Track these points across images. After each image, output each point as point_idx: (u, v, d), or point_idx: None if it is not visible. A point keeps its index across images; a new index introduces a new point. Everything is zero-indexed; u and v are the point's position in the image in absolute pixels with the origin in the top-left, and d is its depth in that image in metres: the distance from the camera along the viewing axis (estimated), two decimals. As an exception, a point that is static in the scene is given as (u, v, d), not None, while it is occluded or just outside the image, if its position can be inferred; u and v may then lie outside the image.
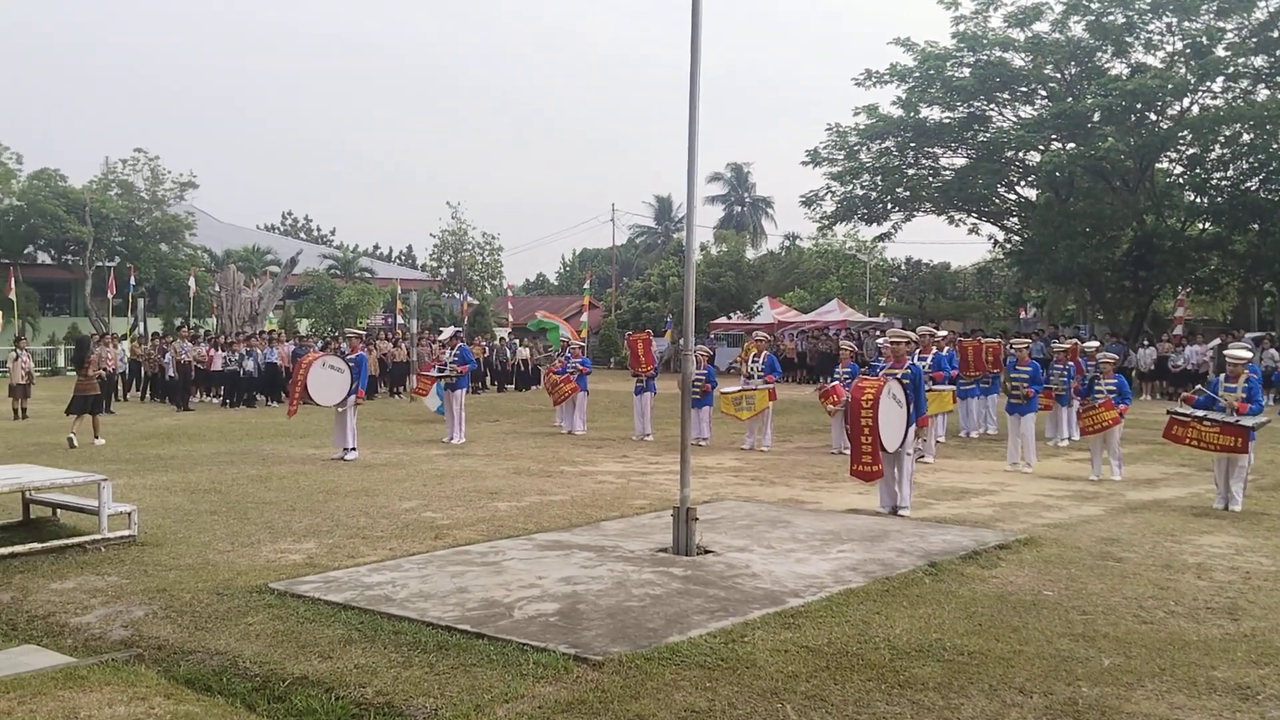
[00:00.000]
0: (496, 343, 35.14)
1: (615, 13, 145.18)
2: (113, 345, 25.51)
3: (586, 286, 45.71)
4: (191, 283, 40.25)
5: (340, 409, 15.22)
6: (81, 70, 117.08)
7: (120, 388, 27.03)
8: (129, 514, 9.18)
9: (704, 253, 53.11)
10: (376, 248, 78.24)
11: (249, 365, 25.82)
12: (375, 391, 27.17)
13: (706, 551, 8.60)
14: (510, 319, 46.60)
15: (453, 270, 52.33)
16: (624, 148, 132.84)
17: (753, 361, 17.64)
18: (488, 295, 52.64)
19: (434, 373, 18.77)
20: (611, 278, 63.04)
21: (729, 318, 45.68)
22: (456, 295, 48.64)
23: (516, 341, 36.14)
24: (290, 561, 8.38)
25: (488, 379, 32.86)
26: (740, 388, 17.18)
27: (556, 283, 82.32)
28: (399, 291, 42.46)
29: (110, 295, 39.84)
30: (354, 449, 15.24)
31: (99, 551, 8.70)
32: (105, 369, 23.53)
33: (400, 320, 39.84)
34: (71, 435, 16.87)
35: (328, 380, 15.21)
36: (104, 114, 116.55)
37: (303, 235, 76.04)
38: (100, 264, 42.23)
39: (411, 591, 7.30)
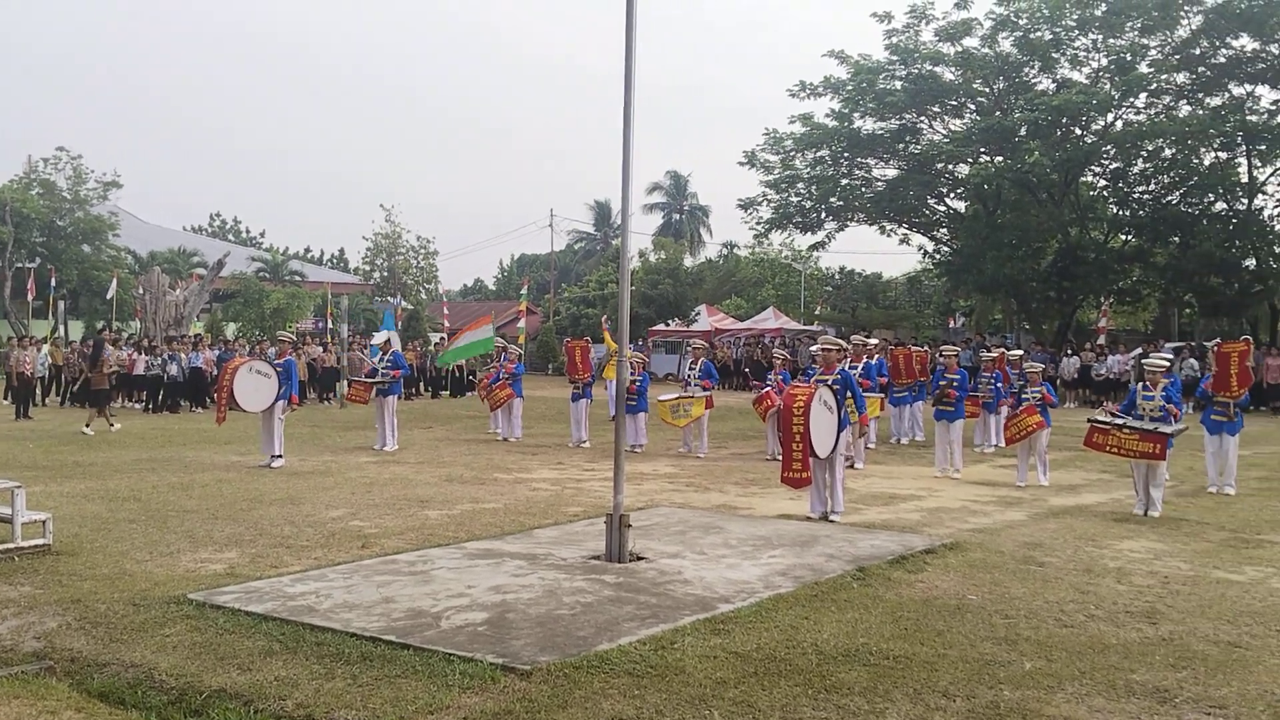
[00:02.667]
0: (431, 349, 34.82)
1: (554, 19, 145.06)
2: (32, 349, 24.79)
3: (524, 292, 45.46)
4: (113, 285, 39.29)
5: (268, 415, 14.94)
6: (3, 66, 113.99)
7: (40, 392, 26.27)
8: (43, 522, 8.90)
9: (642, 260, 53.31)
10: (307, 250, 77.23)
11: (173, 370, 25.23)
12: (305, 397, 26.77)
13: (639, 558, 8.58)
14: (446, 324, 46.23)
15: (386, 274, 51.78)
16: (564, 153, 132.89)
17: (690, 369, 17.70)
18: (422, 300, 52.18)
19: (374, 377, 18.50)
20: (550, 283, 62.84)
21: (667, 324, 45.81)
22: (390, 300, 48.12)
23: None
24: (210, 571, 8.19)
25: (421, 385, 32.55)
26: (677, 395, 17.21)
27: (494, 288, 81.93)
28: (330, 295, 41.89)
29: (30, 297, 38.74)
30: (280, 456, 14.96)
31: (11, 561, 8.42)
32: (24, 371, 22.95)
33: (331, 325, 39.30)
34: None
35: (254, 386, 14.89)
36: (27, 112, 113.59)
37: (231, 237, 74.66)
38: (20, 265, 41.10)
39: (336, 602, 7.17)
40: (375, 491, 12.54)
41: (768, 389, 16.43)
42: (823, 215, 37.86)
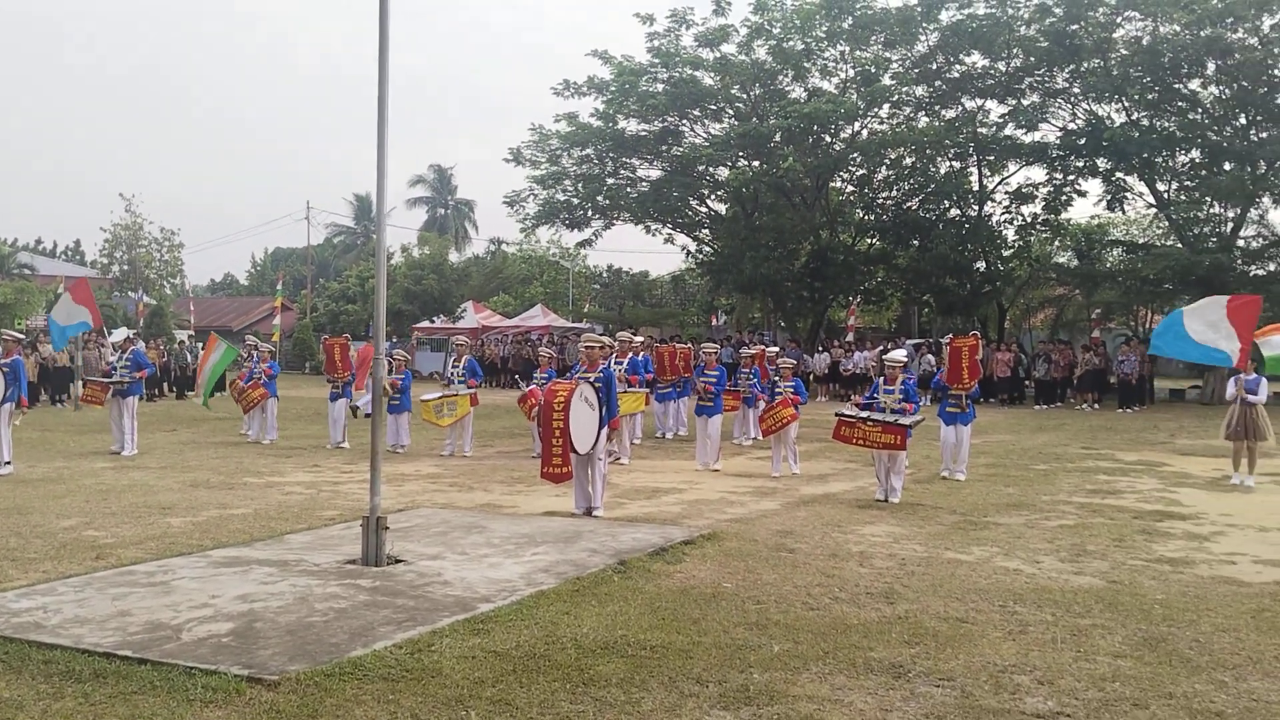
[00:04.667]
0: (176, 346, 32.92)
1: (312, 7, 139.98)
2: None
3: (280, 287, 43.70)
4: None
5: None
6: None
7: None
8: None
9: (405, 255, 52.24)
10: (39, 242, 71.43)
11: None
12: (37, 399, 24.74)
13: (398, 561, 8.38)
14: (192, 320, 43.82)
15: (127, 268, 48.58)
16: (322, 145, 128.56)
17: (453, 366, 17.46)
18: (167, 295, 49.26)
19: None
20: (307, 279, 60.59)
21: (432, 321, 45.09)
22: (131, 295, 45.17)
23: (199, 345, 33.98)
24: (-82, 591, 7.42)
25: (166, 385, 30.73)
26: (440, 394, 16.94)
27: (247, 283, 78.30)
28: (63, 290, 38.83)
29: None
30: (8, 463, 13.78)
31: None
32: None
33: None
34: None
35: (-25, 388, 13.65)
36: None
37: (-54, 227, 68.07)
38: None
39: (66, 617, 6.65)
40: (112, 499, 11.72)
41: (533, 386, 16.44)
42: (589, 213, 38.19)
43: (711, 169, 36.23)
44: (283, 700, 5.25)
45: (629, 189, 37.93)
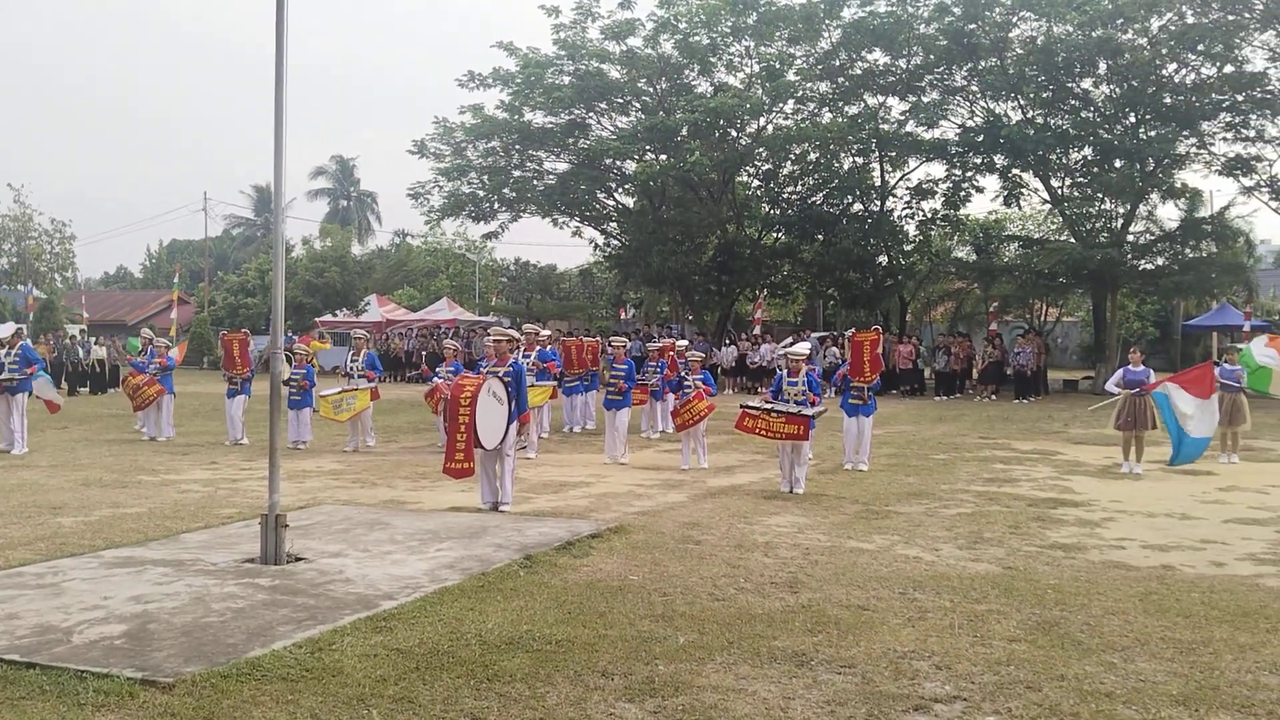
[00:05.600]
0: (68, 341, 31.79)
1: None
2: None
3: (177, 280, 42.50)
4: None
5: None
6: None
7: None
8: None
9: (307, 247, 51.23)
10: (-83, 233, 68.23)
11: None
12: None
13: (298, 559, 8.22)
14: (85, 314, 42.37)
15: (16, 260, 46.77)
16: (220, 136, 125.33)
17: (352, 360, 17.18)
18: (58, 289, 47.55)
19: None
20: (205, 272, 59.02)
21: (334, 315, 44.29)
22: (20, 288, 43.50)
23: (92, 340, 32.90)
24: None
25: (59, 381, 29.59)
26: (340, 389, 16.66)
27: (142, 276, 76.02)
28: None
29: None
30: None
31: None
32: None
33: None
34: None
35: None
36: None
37: None
38: None
39: (-54, 623, 6.38)
40: (0, 499, 11.29)
41: (438, 380, 16.26)
42: (496, 205, 37.88)
43: (619, 162, 36.20)
44: (178, 703, 5.11)
45: (536, 181, 37.71)
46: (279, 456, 8.51)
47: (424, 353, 35.41)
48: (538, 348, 16.92)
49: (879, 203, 36.21)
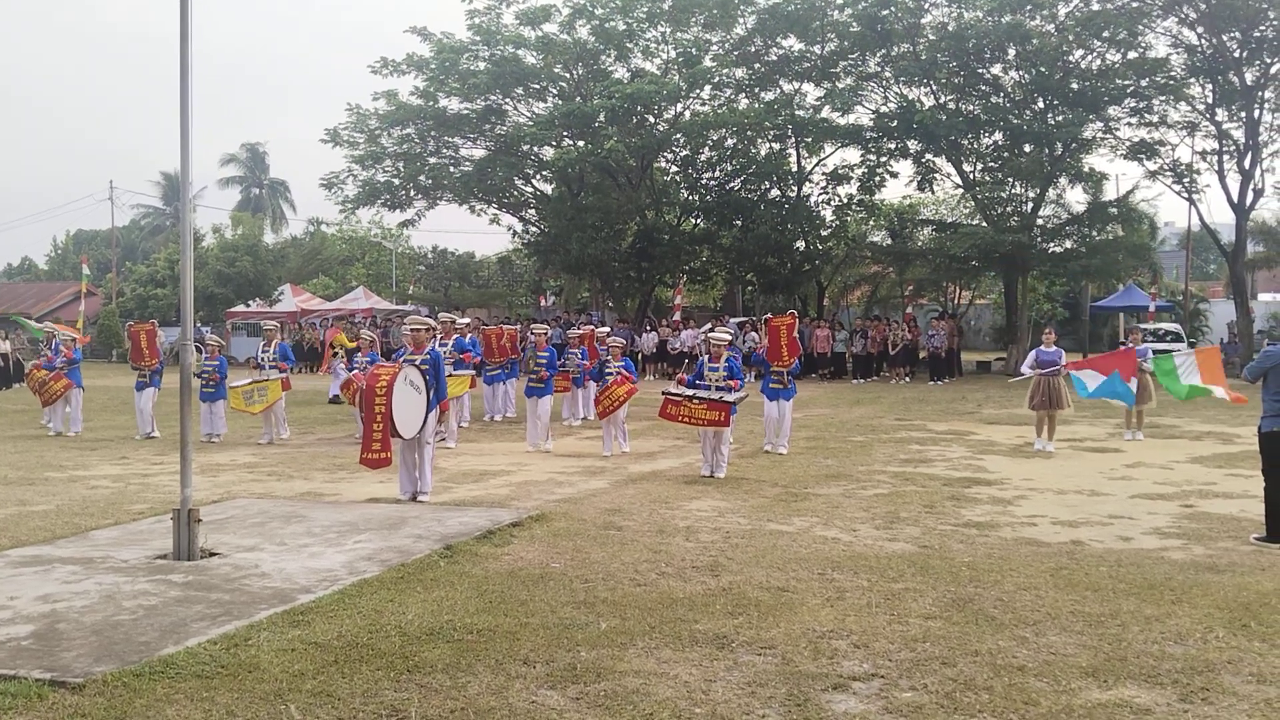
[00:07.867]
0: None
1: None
2: None
3: (86, 272, 41.18)
4: None
5: None
6: None
7: None
8: None
9: (218, 236, 50.07)
10: None
11: None
12: None
13: (212, 554, 8.05)
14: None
15: (-92, 252, 44.97)
16: (126, 123, 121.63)
17: (264, 351, 16.85)
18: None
19: None
20: (112, 262, 57.33)
21: (247, 305, 43.38)
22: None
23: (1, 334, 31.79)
24: None
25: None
26: (250, 380, 16.32)
27: (47, 267, 73.60)
28: None
29: None
30: None
31: None
32: None
33: None
34: None
35: None
36: None
37: None
38: None
39: None
40: (-108, 501, 10.85)
41: (356, 371, 16.03)
42: (411, 193, 37.38)
43: (536, 149, 35.99)
44: (88, 703, 4.98)
45: (452, 168, 37.30)
46: (191, 450, 8.33)
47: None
48: (455, 336, 16.78)
49: (796, 188, 36.54)
